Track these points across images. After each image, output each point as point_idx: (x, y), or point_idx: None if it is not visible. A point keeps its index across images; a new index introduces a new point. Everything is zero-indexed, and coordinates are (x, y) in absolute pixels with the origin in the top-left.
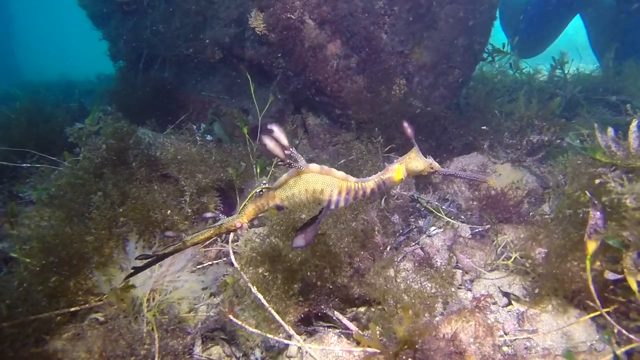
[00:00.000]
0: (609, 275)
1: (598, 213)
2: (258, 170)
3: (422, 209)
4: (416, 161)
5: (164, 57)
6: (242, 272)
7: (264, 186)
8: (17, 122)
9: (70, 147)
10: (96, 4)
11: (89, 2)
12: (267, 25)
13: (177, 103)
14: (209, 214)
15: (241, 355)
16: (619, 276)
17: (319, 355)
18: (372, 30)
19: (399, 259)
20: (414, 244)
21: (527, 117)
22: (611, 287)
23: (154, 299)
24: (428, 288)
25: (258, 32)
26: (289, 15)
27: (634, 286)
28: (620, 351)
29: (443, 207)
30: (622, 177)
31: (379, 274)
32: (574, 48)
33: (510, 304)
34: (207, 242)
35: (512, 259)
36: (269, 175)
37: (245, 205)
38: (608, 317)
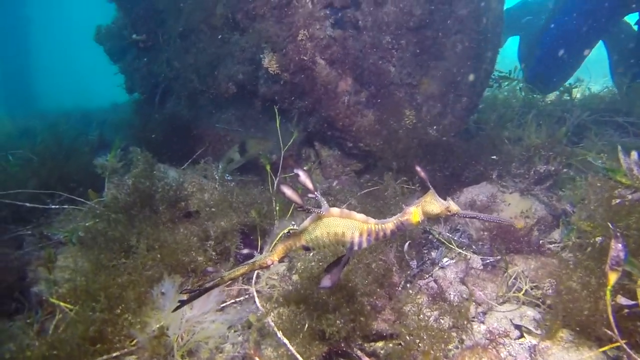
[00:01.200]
0: (622, 300)
1: (620, 245)
2: (277, 208)
3: (434, 240)
4: (432, 204)
5: (179, 91)
6: (267, 316)
7: (292, 227)
8: (41, 161)
9: (93, 183)
10: (113, 41)
11: (106, 39)
12: (280, 66)
13: (193, 137)
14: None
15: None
16: (632, 302)
17: None
18: (380, 65)
19: (414, 292)
20: (427, 276)
21: (534, 146)
22: (626, 317)
23: (182, 339)
24: (443, 323)
25: (271, 72)
26: (301, 57)
27: None
28: None
29: (455, 237)
30: None
31: (396, 310)
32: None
33: (522, 336)
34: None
35: (523, 290)
36: (289, 214)
37: (275, 244)
38: (626, 347)
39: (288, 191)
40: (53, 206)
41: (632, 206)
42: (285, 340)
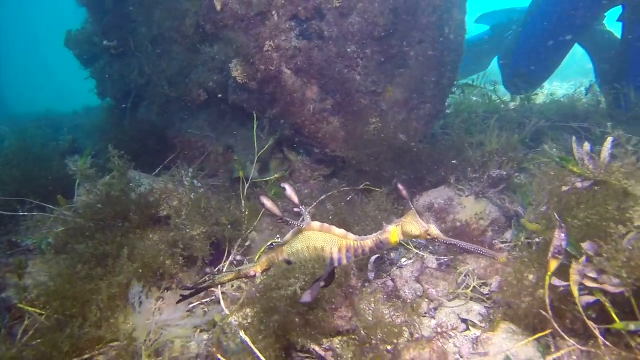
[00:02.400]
0: (555, 281)
1: (562, 234)
2: (246, 213)
3: None
4: (412, 225)
5: (150, 97)
6: (231, 316)
7: (275, 240)
8: (7, 167)
9: (63, 189)
10: (83, 46)
11: (76, 44)
12: (247, 75)
13: (164, 143)
14: (207, 269)
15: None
16: (565, 283)
17: None
18: (346, 73)
19: (370, 291)
20: (385, 275)
21: (488, 151)
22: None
23: (150, 340)
24: (396, 318)
25: (239, 81)
26: (267, 67)
27: (575, 292)
28: (550, 357)
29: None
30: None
31: (352, 307)
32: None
33: (467, 329)
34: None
35: (471, 287)
36: (257, 219)
37: (259, 256)
38: (558, 328)
39: (268, 203)
40: (22, 213)
41: (582, 195)
42: (246, 338)
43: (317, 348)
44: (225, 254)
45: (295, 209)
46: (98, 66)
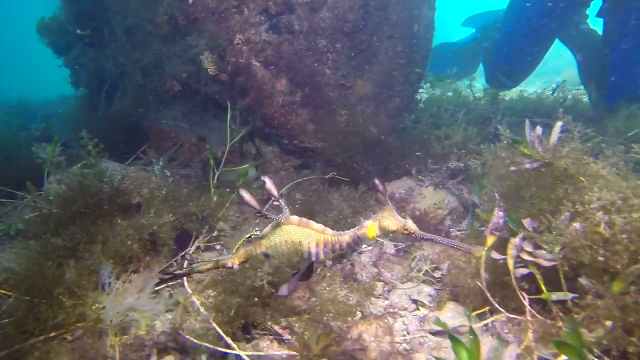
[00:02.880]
0: (494, 255)
1: (501, 212)
2: (215, 199)
3: None
4: (389, 220)
5: (125, 87)
6: (193, 296)
7: (253, 233)
8: None
9: (33, 178)
10: (56, 34)
11: (48, 32)
12: (218, 68)
13: (138, 133)
14: (188, 256)
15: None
16: (502, 256)
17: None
18: (316, 67)
19: (329, 275)
20: (345, 260)
21: (448, 145)
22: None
23: (117, 320)
24: (350, 299)
25: (210, 73)
26: (237, 60)
27: (510, 264)
28: (477, 325)
29: None
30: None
31: (310, 288)
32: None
33: (417, 309)
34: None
35: (423, 271)
36: (224, 208)
37: (238, 248)
38: (488, 294)
39: (246, 196)
40: None
41: (531, 177)
42: (206, 313)
43: (275, 327)
44: (192, 240)
45: (275, 203)
46: (72, 55)
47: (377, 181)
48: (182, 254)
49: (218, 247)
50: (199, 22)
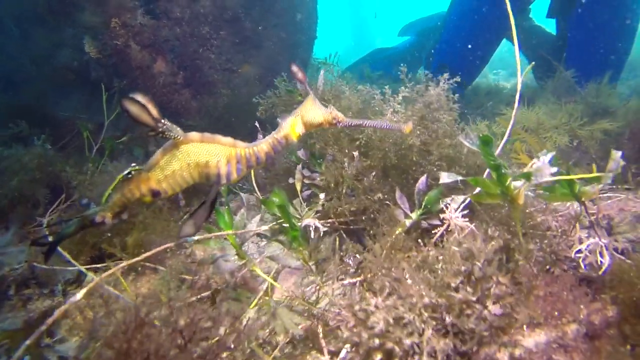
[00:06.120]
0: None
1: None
2: (107, 153)
3: None
4: (313, 111)
5: (21, 79)
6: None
7: (132, 168)
8: None
9: None
10: None
11: None
12: (99, 51)
13: (36, 124)
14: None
15: (47, 291)
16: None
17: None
18: (201, 52)
19: None
20: None
21: None
22: None
23: None
24: None
25: (93, 57)
26: (115, 42)
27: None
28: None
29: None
30: None
31: None
32: None
33: None
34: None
35: None
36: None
37: (109, 195)
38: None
39: (133, 107)
40: None
41: None
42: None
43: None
44: (64, 196)
45: (158, 124)
46: None
47: (294, 68)
48: (51, 209)
49: (84, 201)
50: (77, 8)
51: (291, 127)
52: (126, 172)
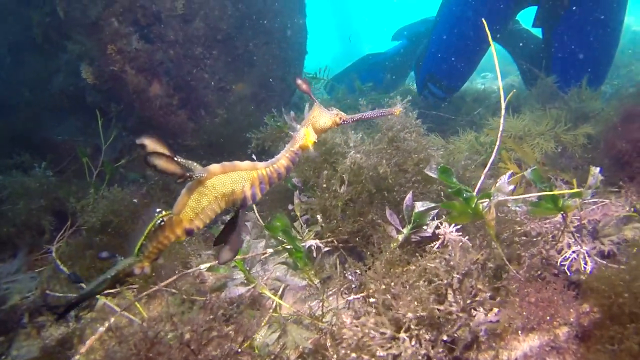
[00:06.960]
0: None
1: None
2: (107, 178)
3: None
4: (322, 117)
5: (17, 104)
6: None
7: (162, 215)
8: None
9: None
10: None
11: None
12: (96, 77)
13: (32, 148)
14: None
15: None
16: None
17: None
18: (195, 73)
19: None
20: None
21: None
22: None
23: None
24: None
25: (90, 83)
26: (111, 68)
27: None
28: None
29: None
30: None
31: None
32: None
33: None
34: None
35: None
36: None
37: (142, 244)
38: None
39: (160, 162)
40: None
41: None
42: (63, 267)
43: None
44: (69, 223)
45: (175, 165)
46: None
47: (299, 80)
48: (58, 236)
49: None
50: (72, 36)
51: (305, 137)
52: (157, 219)
